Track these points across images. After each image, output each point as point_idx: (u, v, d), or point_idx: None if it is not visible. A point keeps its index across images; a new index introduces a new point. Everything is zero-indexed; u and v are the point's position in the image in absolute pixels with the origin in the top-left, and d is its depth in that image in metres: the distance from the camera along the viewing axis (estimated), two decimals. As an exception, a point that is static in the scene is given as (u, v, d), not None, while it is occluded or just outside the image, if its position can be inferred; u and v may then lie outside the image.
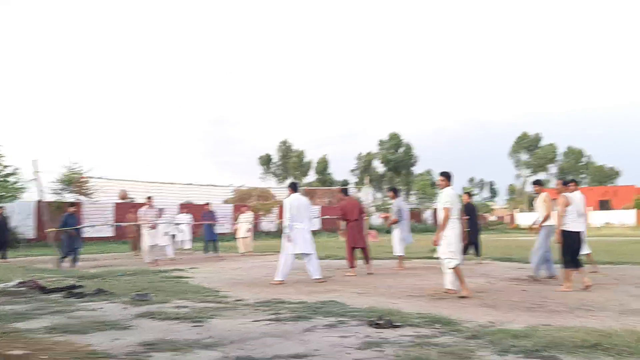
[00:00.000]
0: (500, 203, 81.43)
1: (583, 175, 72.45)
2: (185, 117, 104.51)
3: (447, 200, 7.88)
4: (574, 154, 75.43)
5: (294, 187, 10.31)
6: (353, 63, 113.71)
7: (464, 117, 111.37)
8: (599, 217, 40.50)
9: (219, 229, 21.16)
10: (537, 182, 10.84)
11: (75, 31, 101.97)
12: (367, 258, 11.27)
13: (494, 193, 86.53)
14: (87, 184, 31.81)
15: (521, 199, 72.97)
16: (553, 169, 75.29)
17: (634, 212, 44.48)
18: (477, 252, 13.22)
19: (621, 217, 42.94)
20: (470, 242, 12.57)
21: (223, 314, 6.28)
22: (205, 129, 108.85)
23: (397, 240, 12.29)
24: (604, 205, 46.22)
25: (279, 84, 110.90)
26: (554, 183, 74.32)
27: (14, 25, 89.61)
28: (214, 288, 8.84)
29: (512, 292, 8.19)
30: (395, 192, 13.03)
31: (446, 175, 8.13)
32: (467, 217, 12.09)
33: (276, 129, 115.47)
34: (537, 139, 75.03)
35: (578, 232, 8.48)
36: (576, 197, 8.96)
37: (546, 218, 9.70)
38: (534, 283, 9.22)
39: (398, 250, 12.28)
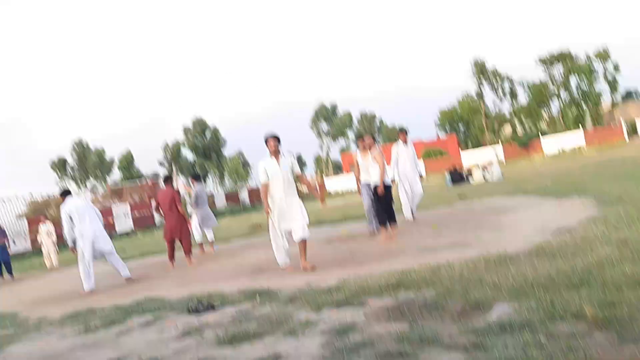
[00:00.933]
0: (310, 173, 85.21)
1: (378, 136, 78.94)
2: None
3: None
4: (368, 119, 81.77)
5: (64, 194, 9.49)
6: (141, 50, 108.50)
7: (266, 100, 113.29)
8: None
9: (15, 248, 18.85)
10: (360, 137, 10.29)
11: None
12: (186, 250, 10.78)
13: (302, 164, 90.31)
14: None
15: (327, 167, 77.32)
16: (351, 134, 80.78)
17: (422, 164, 49.79)
18: None
19: (414, 170, 48.01)
20: None
21: (23, 338, 5.59)
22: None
23: (195, 226, 12.16)
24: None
25: (63, 78, 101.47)
26: (363, 144, 79.87)
27: None
28: (11, 312, 7.82)
29: (324, 251, 8.57)
30: (195, 178, 12.86)
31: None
32: None
33: (68, 128, 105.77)
34: (334, 108, 79.68)
35: (389, 186, 9.08)
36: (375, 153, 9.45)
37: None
38: (350, 241, 9.69)
39: (197, 236, 12.23)
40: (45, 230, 17.36)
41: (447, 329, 3.39)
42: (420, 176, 11.56)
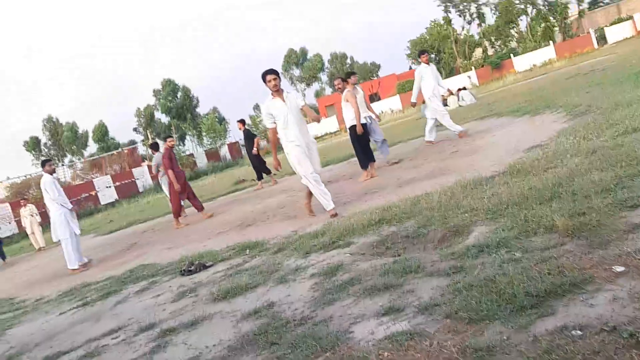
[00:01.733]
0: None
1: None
2: None
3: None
4: (339, 59, 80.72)
5: (44, 164, 9.16)
6: (101, 12, 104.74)
7: (233, 52, 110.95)
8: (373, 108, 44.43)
9: (1, 232, 18.79)
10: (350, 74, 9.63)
11: None
12: (198, 207, 10.86)
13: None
14: None
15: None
16: (324, 77, 79.90)
17: (397, 97, 49.61)
18: (266, 173, 13.72)
19: (390, 105, 47.76)
20: (258, 165, 13.47)
21: (23, 320, 5.69)
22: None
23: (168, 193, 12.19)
24: (372, 98, 50.60)
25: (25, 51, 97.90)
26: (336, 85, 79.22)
27: None
28: (6, 296, 7.91)
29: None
30: (154, 147, 13.14)
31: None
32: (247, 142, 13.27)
33: (36, 106, 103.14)
34: (303, 52, 78.40)
35: (364, 125, 9.10)
36: (359, 89, 9.31)
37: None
38: (333, 182, 9.77)
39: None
40: (28, 212, 17.28)
41: (429, 257, 3.52)
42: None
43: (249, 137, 13.71)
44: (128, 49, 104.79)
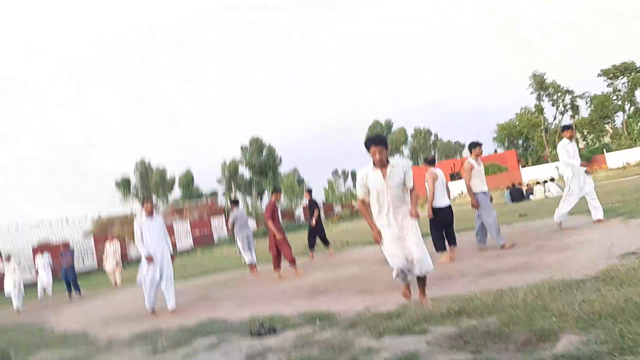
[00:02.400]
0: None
1: (433, 152, 78.11)
2: (20, 145, 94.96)
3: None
4: (422, 134, 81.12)
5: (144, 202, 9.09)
6: (194, 73, 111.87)
7: (320, 119, 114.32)
8: (452, 188, 43.90)
9: (82, 266, 19.75)
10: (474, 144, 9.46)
11: None
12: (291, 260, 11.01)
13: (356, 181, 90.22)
14: None
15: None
16: (406, 150, 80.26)
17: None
18: (324, 243, 14.11)
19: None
20: (317, 235, 13.93)
21: (96, 359, 5.86)
22: (47, 158, 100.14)
23: (241, 249, 13.03)
24: (452, 177, 50.00)
25: (125, 104, 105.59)
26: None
27: None
28: (82, 331, 8.22)
29: (383, 273, 8.55)
30: (235, 203, 13.94)
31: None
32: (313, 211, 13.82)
33: (130, 151, 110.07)
34: (388, 124, 79.60)
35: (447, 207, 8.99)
36: (439, 172, 9.22)
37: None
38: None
39: (247, 258, 12.93)
40: (112, 249, 18.13)
41: (512, 359, 3.35)
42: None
43: (311, 207, 14.28)
44: (221, 104, 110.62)
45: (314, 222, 13.69)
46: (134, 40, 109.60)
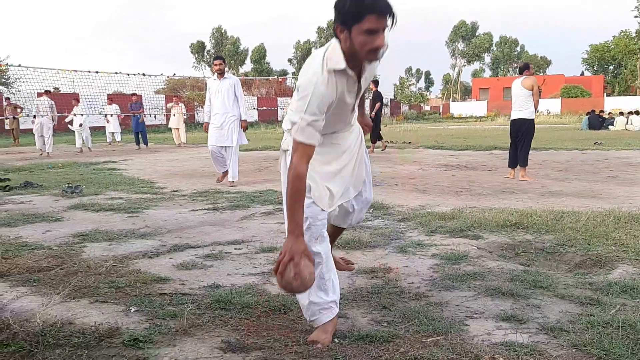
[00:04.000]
0: (435, 92, 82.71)
1: (515, 65, 74.08)
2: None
3: None
4: (508, 43, 76.52)
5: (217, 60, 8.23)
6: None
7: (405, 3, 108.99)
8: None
9: (151, 120, 20.64)
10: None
11: None
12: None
13: (430, 82, 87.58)
14: (5, 73, 29.79)
15: (455, 89, 74.41)
16: (487, 58, 76.41)
17: (559, 101, 46.37)
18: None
19: (548, 106, 44.80)
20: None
21: (159, 205, 6.25)
22: (127, 10, 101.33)
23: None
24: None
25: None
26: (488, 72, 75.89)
27: None
28: (148, 179, 8.72)
29: (442, 177, 8.53)
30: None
31: None
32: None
33: (209, 12, 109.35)
34: (474, 27, 75.19)
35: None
36: (514, 83, 8.48)
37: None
38: (470, 170, 9.56)
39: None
40: (179, 110, 18.74)
41: (562, 278, 3.33)
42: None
43: (374, 99, 14.08)
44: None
45: (373, 114, 13.47)
46: None
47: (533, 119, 8.18)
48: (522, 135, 8.17)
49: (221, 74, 7.97)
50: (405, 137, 18.61)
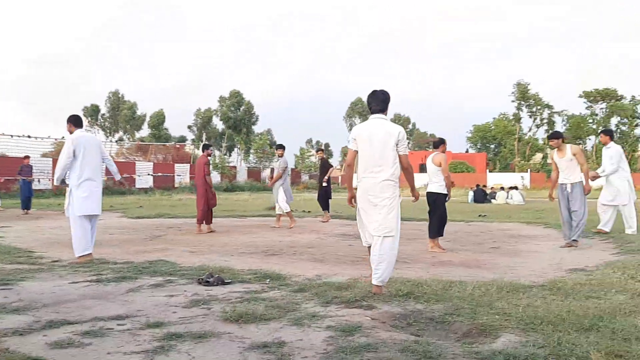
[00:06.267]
0: (334, 163, 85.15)
1: (409, 141, 78.63)
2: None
3: None
4: (401, 122, 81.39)
5: (74, 121, 7.36)
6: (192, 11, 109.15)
7: (302, 80, 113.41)
8: (419, 179, 44.30)
9: (35, 185, 19.41)
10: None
11: None
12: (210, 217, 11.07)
13: (329, 154, 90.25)
14: None
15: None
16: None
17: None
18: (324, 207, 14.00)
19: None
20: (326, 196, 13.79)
21: (36, 277, 5.74)
22: (22, 72, 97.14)
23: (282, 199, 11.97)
24: (422, 168, 50.52)
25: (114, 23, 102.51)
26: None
27: None
28: (27, 248, 8.05)
29: (339, 247, 8.63)
30: (280, 147, 12.46)
31: None
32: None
33: (108, 76, 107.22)
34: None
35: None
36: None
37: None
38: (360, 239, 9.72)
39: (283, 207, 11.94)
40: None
41: (451, 348, 3.40)
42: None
43: (324, 166, 13.85)
44: (205, 50, 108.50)
45: (324, 181, 13.39)
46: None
47: (443, 193, 8.29)
48: (432, 207, 8.39)
49: None
50: (305, 207, 18.79)
